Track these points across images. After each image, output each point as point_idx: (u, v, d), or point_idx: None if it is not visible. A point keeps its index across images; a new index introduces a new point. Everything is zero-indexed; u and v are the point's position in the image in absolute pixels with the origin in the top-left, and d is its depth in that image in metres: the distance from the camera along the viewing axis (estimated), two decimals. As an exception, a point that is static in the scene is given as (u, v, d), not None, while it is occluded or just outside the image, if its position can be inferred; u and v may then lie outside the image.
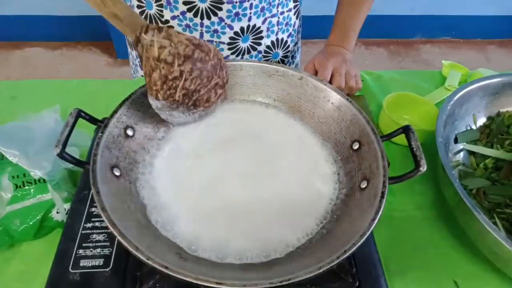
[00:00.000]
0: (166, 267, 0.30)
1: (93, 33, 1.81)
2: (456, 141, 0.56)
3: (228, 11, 0.60)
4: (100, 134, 0.39)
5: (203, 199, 0.40)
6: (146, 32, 0.38)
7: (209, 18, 0.61)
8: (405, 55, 2.01)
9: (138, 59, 0.73)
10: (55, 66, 1.80)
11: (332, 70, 0.60)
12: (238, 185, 0.41)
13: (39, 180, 0.45)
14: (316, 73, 0.60)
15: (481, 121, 0.59)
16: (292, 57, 0.75)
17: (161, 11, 0.61)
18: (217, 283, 0.29)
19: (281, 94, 0.50)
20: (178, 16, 0.61)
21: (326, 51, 0.66)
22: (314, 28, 1.44)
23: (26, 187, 0.44)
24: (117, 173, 0.39)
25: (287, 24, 0.68)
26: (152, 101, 0.40)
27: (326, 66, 0.59)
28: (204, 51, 0.40)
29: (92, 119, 0.41)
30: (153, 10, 0.62)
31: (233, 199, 0.40)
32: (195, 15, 0.60)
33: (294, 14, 0.69)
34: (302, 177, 0.43)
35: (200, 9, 0.59)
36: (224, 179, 0.42)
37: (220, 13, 0.60)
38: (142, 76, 0.74)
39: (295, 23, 0.71)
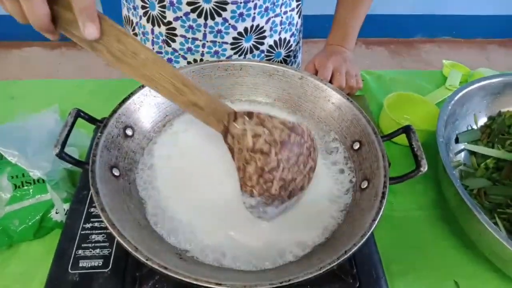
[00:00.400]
0: (166, 268, 0.30)
1: (93, 32, 1.80)
2: (457, 141, 0.56)
3: (232, 11, 0.60)
4: (99, 134, 0.39)
5: (205, 201, 0.40)
6: (235, 120, 0.33)
7: (213, 18, 0.60)
8: (405, 55, 2.01)
9: None
10: (54, 66, 1.79)
11: (333, 69, 0.59)
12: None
13: (38, 180, 0.45)
14: (316, 73, 0.60)
15: (482, 121, 0.59)
16: (294, 56, 0.75)
17: (164, 12, 0.61)
18: (216, 284, 0.29)
19: (281, 94, 0.50)
20: (181, 17, 0.61)
21: (326, 50, 0.66)
22: (315, 27, 1.43)
23: (25, 187, 0.44)
24: (116, 173, 0.39)
25: (290, 23, 0.68)
26: (245, 199, 0.35)
27: (326, 66, 0.59)
28: (299, 134, 0.35)
29: (91, 119, 0.41)
30: (156, 11, 0.62)
31: (237, 202, 0.39)
32: (199, 15, 0.60)
33: (297, 13, 0.69)
34: (315, 184, 0.41)
35: (204, 9, 0.59)
36: (227, 181, 0.41)
37: (224, 14, 0.60)
38: None
39: (297, 22, 0.71)
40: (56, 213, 0.44)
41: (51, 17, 0.29)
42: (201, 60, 0.66)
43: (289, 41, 0.70)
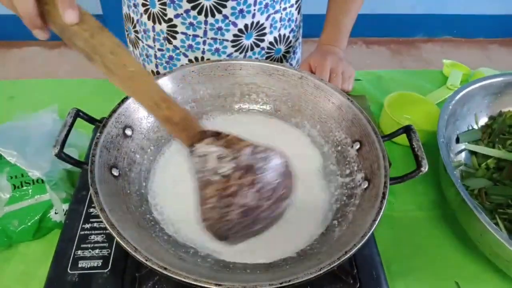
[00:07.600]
0: (165, 268, 0.30)
1: (93, 32, 1.80)
2: (457, 141, 0.55)
3: (233, 8, 0.60)
4: (98, 134, 0.38)
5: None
6: (203, 139, 0.33)
7: (213, 15, 0.60)
8: (406, 54, 2.01)
9: (142, 58, 0.72)
10: (53, 66, 1.79)
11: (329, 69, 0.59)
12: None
13: (37, 181, 0.45)
14: (312, 73, 0.60)
15: (483, 120, 0.59)
16: (294, 52, 0.75)
17: (164, 9, 0.61)
18: (216, 285, 0.29)
19: (281, 94, 0.50)
20: (181, 14, 0.61)
21: (320, 50, 0.65)
22: (316, 26, 1.43)
23: (24, 188, 0.44)
24: (116, 173, 0.39)
25: (289, 19, 0.68)
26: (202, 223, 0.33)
27: (324, 66, 0.59)
28: (269, 159, 0.34)
29: (90, 119, 0.41)
30: (156, 9, 0.62)
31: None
32: (199, 12, 0.60)
33: (296, 9, 0.69)
34: (304, 182, 0.41)
35: (205, 6, 0.59)
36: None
37: (224, 11, 0.60)
38: None
39: (296, 18, 0.71)
40: (55, 213, 0.44)
41: (38, 12, 0.31)
42: (202, 58, 0.66)
43: (288, 37, 0.70)
